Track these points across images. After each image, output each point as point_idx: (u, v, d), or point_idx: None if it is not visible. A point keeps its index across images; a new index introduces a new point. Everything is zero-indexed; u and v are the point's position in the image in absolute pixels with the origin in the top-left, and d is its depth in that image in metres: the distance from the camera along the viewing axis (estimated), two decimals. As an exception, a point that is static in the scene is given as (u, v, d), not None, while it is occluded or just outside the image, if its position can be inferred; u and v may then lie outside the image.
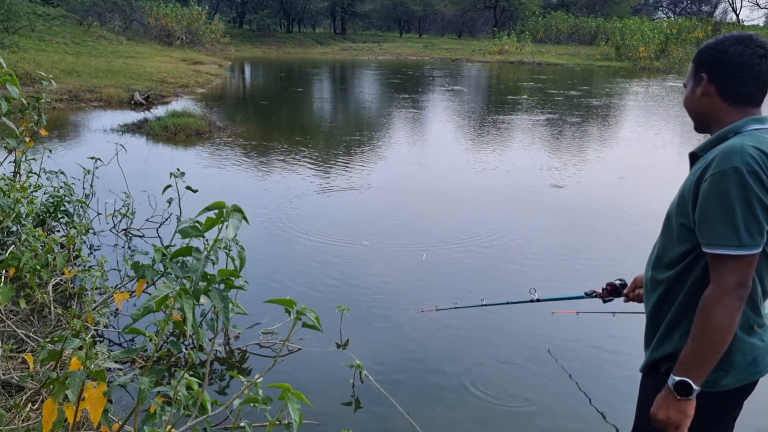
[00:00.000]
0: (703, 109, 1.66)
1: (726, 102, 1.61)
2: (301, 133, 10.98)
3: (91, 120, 11.50)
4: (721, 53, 1.60)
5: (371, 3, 49.36)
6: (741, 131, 1.57)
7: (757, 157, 1.47)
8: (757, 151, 1.48)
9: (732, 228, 1.47)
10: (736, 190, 1.46)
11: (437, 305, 3.84)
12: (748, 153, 1.47)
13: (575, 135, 11.19)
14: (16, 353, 2.98)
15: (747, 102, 1.60)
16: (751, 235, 1.47)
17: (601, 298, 2.54)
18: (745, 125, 1.57)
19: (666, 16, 57.30)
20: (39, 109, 4.13)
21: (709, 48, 1.63)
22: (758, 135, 1.54)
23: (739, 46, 1.57)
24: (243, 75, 23.81)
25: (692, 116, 1.71)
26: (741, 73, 1.57)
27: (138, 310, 1.76)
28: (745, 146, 1.48)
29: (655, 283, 1.72)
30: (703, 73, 1.63)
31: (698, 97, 1.65)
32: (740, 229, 1.46)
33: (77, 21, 25.88)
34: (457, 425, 2.97)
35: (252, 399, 1.87)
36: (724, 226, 1.48)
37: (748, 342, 1.59)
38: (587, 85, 21.39)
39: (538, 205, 6.65)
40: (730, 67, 1.58)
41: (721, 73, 1.60)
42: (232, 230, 1.62)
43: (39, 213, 4.22)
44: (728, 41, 1.59)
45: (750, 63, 1.56)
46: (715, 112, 1.63)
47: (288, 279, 4.57)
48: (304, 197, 6.73)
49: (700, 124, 1.70)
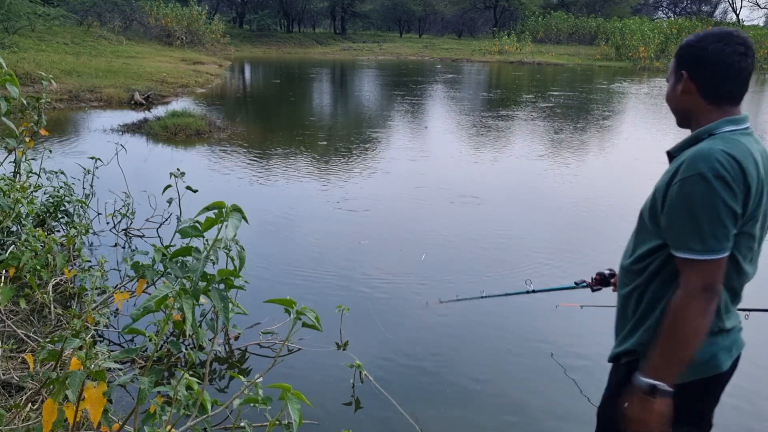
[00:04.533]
0: (683, 106, 1.66)
1: (706, 100, 1.60)
2: (302, 133, 10.98)
3: (91, 120, 11.50)
4: (701, 51, 1.58)
5: (371, 3, 49.31)
6: (714, 133, 1.57)
7: (725, 162, 1.46)
8: (726, 155, 1.47)
9: (697, 233, 1.49)
10: (701, 195, 1.47)
11: (440, 298, 3.95)
12: (715, 158, 1.47)
13: (575, 133, 11.19)
14: (16, 353, 2.98)
15: (727, 101, 1.59)
16: (717, 240, 1.48)
17: (590, 288, 2.58)
18: (719, 127, 1.57)
19: (666, 16, 57.33)
20: (39, 109, 4.13)
21: (690, 45, 1.61)
22: (730, 137, 1.54)
23: (719, 44, 1.55)
24: (243, 75, 23.81)
25: (674, 112, 1.71)
26: (721, 71, 1.56)
27: (138, 310, 1.76)
28: (713, 150, 1.48)
29: (626, 277, 1.75)
30: (683, 71, 1.62)
31: (679, 95, 1.64)
32: (705, 234, 1.48)
33: (77, 21, 25.86)
34: (458, 425, 2.97)
35: (252, 399, 1.87)
36: (690, 231, 1.50)
37: (707, 339, 1.60)
38: (587, 84, 21.39)
39: (536, 202, 6.65)
40: (710, 66, 1.57)
41: (701, 71, 1.58)
42: (231, 230, 1.62)
43: (39, 213, 4.22)
44: (709, 38, 1.57)
45: (730, 61, 1.55)
46: (695, 109, 1.63)
47: (288, 279, 4.57)
48: (303, 197, 6.73)
49: (681, 121, 1.70)
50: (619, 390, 1.70)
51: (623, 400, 1.65)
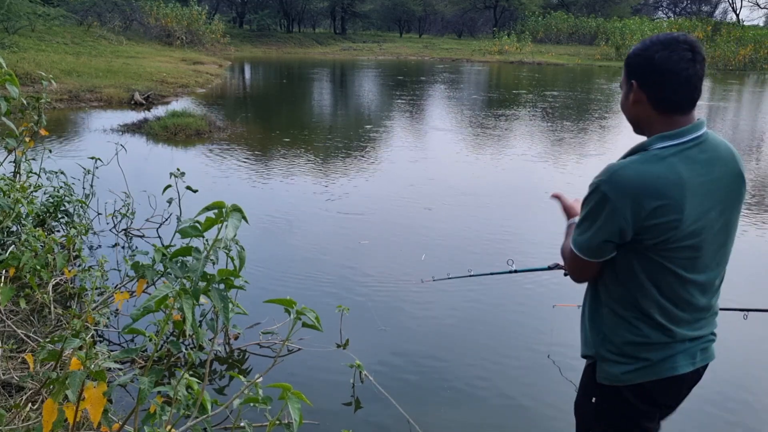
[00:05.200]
0: (635, 115, 1.64)
1: (656, 110, 1.58)
2: (302, 133, 10.98)
3: (91, 120, 11.50)
4: (647, 60, 1.55)
5: (371, 3, 49.30)
6: (647, 148, 1.57)
7: (627, 182, 1.51)
8: (630, 176, 1.52)
9: (580, 232, 1.63)
10: (590, 203, 1.58)
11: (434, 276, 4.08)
12: (615, 175, 1.53)
13: (574, 133, 11.19)
14: (16, 353, 2.99)
15: (677, 110, 1.56)
16: (589, 246, 1.61)
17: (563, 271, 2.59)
18: (652, 144, 1.57)
19: (666, 16, 57.35)
20: (39, 109, 4.13)
21: (636, 54, 1.59)
22: (655, 155, 1.54)
23: (665, 52, 1.52)
24: (243, 75, 23.81)
25: (629, 121, 1.70)
26: (669, 80, 1.53)
27: (138, 310, 1.76)
28: (627, 168, 1.53)
29: None
30: (633, 80, 1.60)
31: (631, 104, 1.63)
32: (583, 235, 1.61)
33: (77, 21, 25.86)
34: (457, 425, 2.97)
35: (252, 399, 1.87)
36: (579, 229, 1.64)
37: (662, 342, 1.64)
38: (587, 85, 21.39)
39: (536, 203, 6.65)
40: (657, 75, 1.54)
41: (650, 81, 1.56)
42: (231, 230, 1.62)
43: (39, 213, 4.22)
44: (655, 46, 1.54)
45: (677, 69, 1.51)
46: (646, 119, 1.61)
47: (288, 279, 4.57)
48: (303, 197, 6.73)
49: (635, 128, 1.69)
50: (586, 391, 1.81)
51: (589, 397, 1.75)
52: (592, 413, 1.70)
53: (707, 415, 3.06)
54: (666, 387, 1.68)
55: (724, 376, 3.29)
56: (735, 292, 3.89)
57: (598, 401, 1.69)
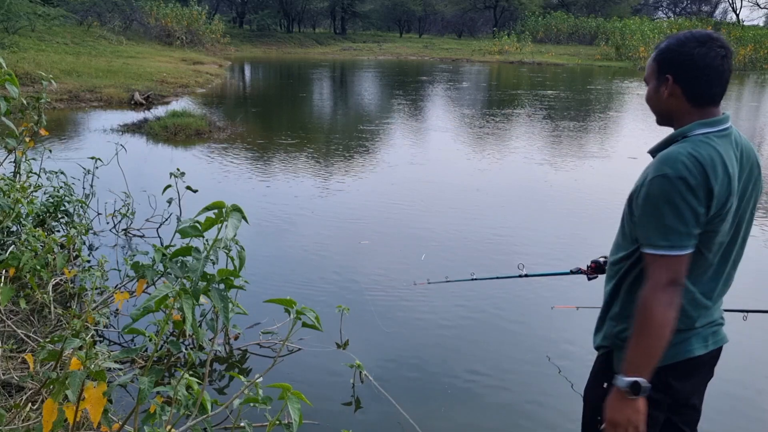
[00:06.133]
0: (667, 108, 1.71)
1: (690, 103, 1.66)
2: (301, 133, 10.98)
3: (91, 120, 11.50)
4: (686, 56, 1.63)
5: (371, 3, 49.31)
6: (687, 135, 1.64)
7: (689, 164, 1.55)
8: (691, 158, 1.56)
9: (661, 230, 1.58)
10: (664, 195, 1.57)
11: (428, 279, 3.97)
12: (680, 160, 1.56)
13: (575, 134, 11.19)
14: (16, 353, 2.98)
15: (710, 102, 1.65)
16: (679, 237, 1.57)
17: (586, 275, 2.60)
18: (692, 130, 1.64)
19: (666, 16, 57.32)
20: (39, 109, 4.13)
21: (672, 50, 1.66)
22: (701, 140, 1.61)
23: (702, 48, 1.61)
24: (243, 75, 23.81)
25: (656, 113, 1.77)
26: (707, 75, 1.62)
27: (138, 310, 1.76)
28: (681, 154, 1.57)
29: (611, 271, 1.83)
30: (668, 75, 1.67)
31: (665, 98, 1.69)
32: (668, 231, 1.57)
33: (77, 21, 25.86)
34: (457, 425, 2.97)
35: (252, 399, 1.87)
36: (656, 228, 1.59)
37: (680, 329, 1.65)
38: (587, 85, 21.39)
39: (537, 203, 6.65)
40: (696, 70, 1.62)
41: (688, 75, 1.64)
42: (231, 230, 1.62)
43: (39, 213, 4.22)
44: (691, 43, 1.63)
45: (715, 65, 1.61)
46: (678, 111, 1.69)
47: (288, 279, 4.57)
48: (303, 197, 6.73)
49: (663, 120, 1.76)
50: (597, 378, 1.85)
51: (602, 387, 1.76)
52: (602, 398, 1.71)
53: (707, 418, 3.05)
54: (681, 371, 1.71)
55: (723, 373, 3.29)
56: (734, 293, 3.89)
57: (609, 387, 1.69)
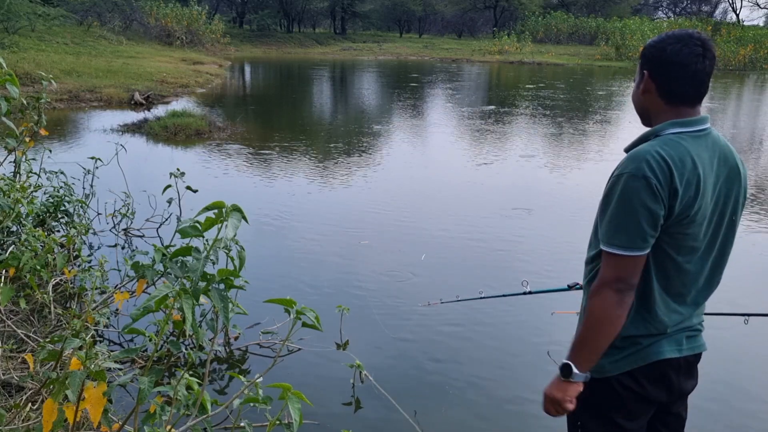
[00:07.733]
0: (643, 105, 1.70)
1: (663, 100, 1.64)
2: (301, 133, 10.98)
3: (91, 120, 11.50)
4: (660, 51, 1.61)
5: (371, 3, 49.29)
6: (660, 134, 1.62)
7: (654, 164, 1.52)
8: (658, 156, 1.52)
9: (615, 229, 1.56)
10: (622, 194, 1.54)
11: (441, 299, 3.90)
12: (645, 159, 1.53)
13: (575, 134, 11.19)
14: (16, 353, 2.98)
15: (682, 101, 1.62)
16: (630, 238, 1.54)
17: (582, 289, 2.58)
18: (664, 129, 1.61)
19: (666, 16, 57.29)
20: (39, 109, 4.13)
21: (650, 46, 1.66)
22: (671, 138, 1.58)
23: (677, 45, 1.58)
24: (243, 75, 23.80)
25: (637, 111, 1.75)
26: (677, 72, 1.59)
27: (138, 310, 1.76)
28: (648, 152, 1.54)
29: (585, 270, 1.81)
30: (645, 71, 1.66)
31: (641, 94, 1.69)
32: (621, 230, 1.55)
33: (77, 21, 25.85)
34: (458, 425, 2.97)
35: (252, 399, 1.87)
36: (610, 226, 1.57)
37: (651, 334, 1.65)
38: (587, 85, 21.39)
39: (537, 203, 6.65)
40: (667, 66, 1.60)
41: (660, 71, 1.62)
42: (231, 230, 1.62)
43: (39, 213, 4.22)
44: (669, 39, 1.61)
45: (686, 62, 1.57)
46: (653, 109, 1.67)
47: (288, 279, 4.57)
48: (303, 197, 6.73)
49: (643, 119, 1.74)
50: None
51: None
52: (581, 406, 1.70)
53: (707, 420, 3.05)
54: (654, 374, 1.68)
55: (724, 378, 3.29)
56: (734, 296, 3.89)
57: (586, 395, 1.69)
